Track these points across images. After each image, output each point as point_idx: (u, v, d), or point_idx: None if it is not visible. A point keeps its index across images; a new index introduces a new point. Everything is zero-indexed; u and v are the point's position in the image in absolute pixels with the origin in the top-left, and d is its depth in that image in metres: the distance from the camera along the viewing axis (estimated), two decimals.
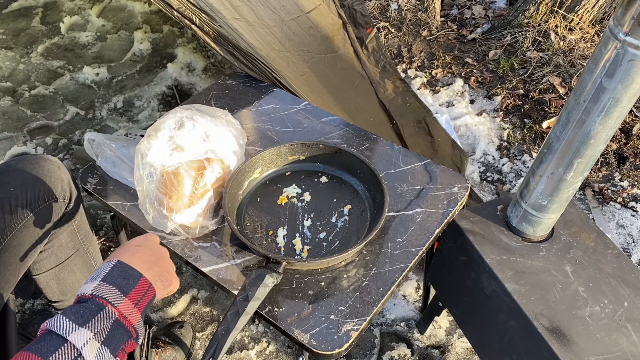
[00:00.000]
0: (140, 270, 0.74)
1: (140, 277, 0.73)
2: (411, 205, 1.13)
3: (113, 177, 1.18)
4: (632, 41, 0.78)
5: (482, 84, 2.50)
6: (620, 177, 2.07)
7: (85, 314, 0.66)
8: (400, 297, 1.68)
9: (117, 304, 0.69)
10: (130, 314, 0.70)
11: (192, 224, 1.05)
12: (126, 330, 0.70)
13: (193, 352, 1.53)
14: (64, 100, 2.44)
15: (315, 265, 1.00)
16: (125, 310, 0.69)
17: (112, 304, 0.68)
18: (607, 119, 0.89)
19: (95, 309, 0.67)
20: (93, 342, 0.64)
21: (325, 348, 0.90)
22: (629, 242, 1.86)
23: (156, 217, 1.03)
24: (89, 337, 0.64)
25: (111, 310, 0.68)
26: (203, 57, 2.64)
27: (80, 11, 2.98)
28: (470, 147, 2.22)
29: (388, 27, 2.78)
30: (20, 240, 1.05)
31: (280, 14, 1.59)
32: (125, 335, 0.70)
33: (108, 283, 0.70)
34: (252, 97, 1.43)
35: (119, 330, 0.68)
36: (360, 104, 1.78)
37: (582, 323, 1.01)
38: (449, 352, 1.56)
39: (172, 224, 1.03)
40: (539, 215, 1.10)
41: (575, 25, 2.60)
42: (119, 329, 0.68)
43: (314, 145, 1.18)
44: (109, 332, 0.67)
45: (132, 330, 0.71)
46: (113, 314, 0.68)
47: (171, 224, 1.03)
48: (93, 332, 0.65)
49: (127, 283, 0.71)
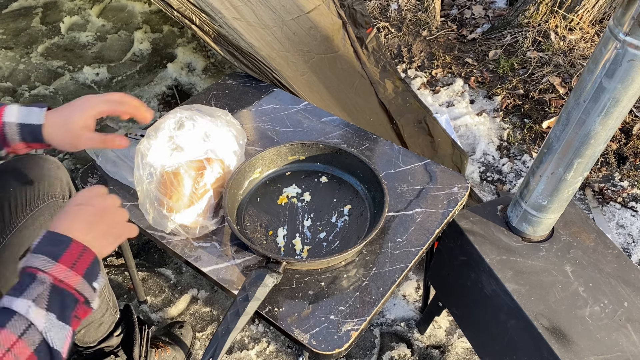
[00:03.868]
0: (80, 233, 0.74)
1: (70, 242, 0.72)
2: (411, 205, 1.13)
3: (113, 177, 1.18)
4: (632, 41, 0.78)
5: (482, 84, 2.50)
6: (620, 177, 2.07)
7: (20, 287, 0.67)
8: (400, 297, 1.68)
9: (48, 269, 0.69)
10: (67, 277, 0.70)
11: (192, 224, 1.05)
12: (68, 294, 0.70)
13: (193, 352, 1.53)
14: (64, 100, 2.44)
15: (315, 265, 1.01)
16: (59, 274, 0.69)
17: (42, 270, 0.69)
18: (607, 119, 0.89)
19: (28, 279, 0.68)
20: (35, 308, 0.66)
21: (325, 348, 0.90)
22: (629, 242, 1.86)
23: (156, 217, 1.03)
24: (29, 305, 0.66)
25: (43, 276, 0.68)
26: (203, 57, 2.64)
27: (80, 11, 2.99)
28: (470, 147, 2.22)
29: (388, 27, 2.78)
30: (19, 239, 1.05)
31: (280, 14, 1.59)
32: (69, 299, 0.70)
33: (36, 253, 0.70)
34: (252, 97, 1.43)
35: (59, 295, 0.69)
36: (360, 104, 1.78)
37: (582, 323, 1.01)
38: (449, 352, 1.56)
39: (172, 224, 1.03)
40: (539, 215, 1.10)
41: (575, 25, 2.60)
42: (58, 294, 0.69)
43: (314, 145, 1.18)
44: (49, 298, 0.67)
45: (75, 294, 0.70)
46: (46, 279, 0.68)
47: (171, 224, 1.03)
48: (31, 299, 0.66)
49: (57, 249, 0.71)
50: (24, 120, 0.87)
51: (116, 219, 0.81)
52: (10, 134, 0.86)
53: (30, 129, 0.87)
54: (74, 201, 0.80)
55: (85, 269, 0.72)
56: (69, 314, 0.70)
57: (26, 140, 0.88)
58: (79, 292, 0.71)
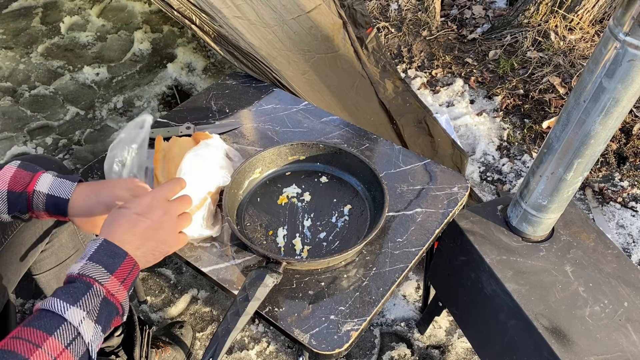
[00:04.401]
0: (131, 247, 0.75)
1: (126, 256, 0.74)
2: (411, 205, 1.13)
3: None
4: (632, 41, 0.78)
5: (482, 84, 2.50)
6: (620, 177, 2.07)
7: (75, 293, 0.68)
8: (400, 297, 1.68)
9: (104, 282, 0.70)
10: (117, 292, 0.72)
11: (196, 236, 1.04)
12: (114, 307, 0.72)
13: (193, 352, 1.53)
14: (64, 100, 2.44)
15: (315, 265, 1.01)
16: (112, 288, 0.71)
17: (99, 282, 0.70)
18: (607, 119, 0.89)
19: (84, 287, 0.69)
20: (87, 320, 0.67)
21: (325, 348, 0.90)
22: (629, 242, 1.86)
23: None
24: (83, 316, 0.66)
25: (99, 288, 0.70)
26: (203, 57, 2.64)
27: (80, 11, 2.99)
28: (470, 147, 2.22)
29: (388, 27, 2.78)
30: (21, 240, 1.05)
31: (281, 13, 1.59)
32: (114, 312, 0.72)
33: (94, 262, 0.71)
34: (252, 97, 1.43)
35: (107, 308, 0.70)
36: (361, 103, 1.78)
37: (582, 323, 1.01)
38: (449, 352, 1.56)
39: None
40: (539, 215, 1.10)
41: (575, 25, 2.60)
42: (107, 307, 0.70)
43: (314, 145, 1.19)
44: (99, 311, 0.69)
45: (119, 307, 0.73)
46: (101, 292, 0.70)
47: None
48: (85, 310, 0.67)
49: (113, 262, 0.72)
50: (53, 192, 0.89)
51: (169, 234, 0.82)
52: (36, 202, 0.89)
53: (56, 202, 0.89)
54: (135, 207, 0.80)
55: (130, 284, 0.75)
56: (109, 324, 0.72)
57: (49, 211, 0.90)
58: (122, 306, 0.73)
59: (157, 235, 0.80)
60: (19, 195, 0.87)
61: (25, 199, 0.88)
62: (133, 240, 0.76)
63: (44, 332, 0.63)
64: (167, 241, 0.82)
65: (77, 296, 0.67)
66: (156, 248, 0.80)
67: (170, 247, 0.83)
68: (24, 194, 0.88)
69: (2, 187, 0.87)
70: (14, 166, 0.90)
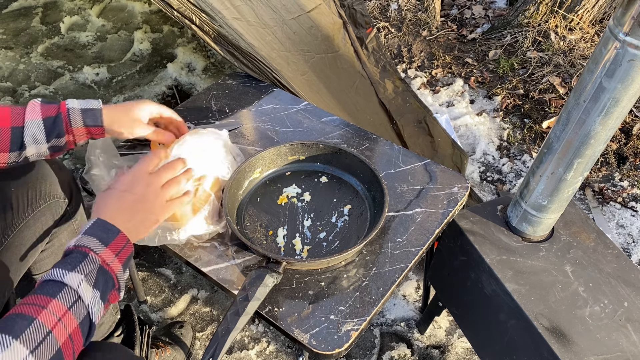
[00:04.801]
0: (122, 221, 0.81)
1: (118, 233, 0.80)
2: (411, 205, 1.13)
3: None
4: (632, 41, 0.78)
5: (482, 84, 2.50)
6: (620, 177, 2.07)
7: (72, 261, 0.73)
8: (400, 297, 1.68)
9: (99, 252, 0.76)
10: (112, 262, 0.77)
11: (202, 232, 1.04)
12: (110, 277, 0.77)
13: (193, 352, 1.53)
14: (64, 100, 2.44)
15: (315, 265, 1.01)
16: (107, 258, 0.76)
17: (94, 251, 0.75)
18: (607, 119, 0.89)
19: (80, 256, 0.74)
20: (85, 284, 0.72)
21: (325, 348, 0.90)
22: (629, 242, 1.86)
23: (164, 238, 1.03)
24: (81, 279, 0.72)
25: (94, 256, 0.75)
26: (203, 57, 2.64)
27: (80, 11, 2.99)
28: (470, 147, 2.22)
29: (388, 27, 2.78)
30: (21, 240, 1.05)
31: (280, 13, 1.59)
32: (110, 282, 0.77)
33: (89, 235, 0.77)
34: (252, 97, 1.43)
35: (103, 275, 0.75)
36: (361, 103, 1.78)
37: (582, 323, 1.01)
38: (449, 352, 1.56)
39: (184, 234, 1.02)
40: (539, 215, 1.10)
41: (575, 25, 2.60)
42: (103, 275, 0.75)
43: (314, 145, 1.19)
44: (96, 277, 0.74)
45: (114, 279, 0.77)
46: (97, 260, 0.75)
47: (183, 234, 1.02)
48: (83, 274, 0.72)
49: (107, 236, 0.78)
50: (85, 106, 0.97)
51: (155, 204, 0.88)
52: (74, 118, 0.95)
53: (92, 113, 0.97)
54: (119, 185, 0.87)
55: (124, 260, 0.80)
56: (107, 295, 0.76)
57: (87, 124, 0.97)
58: (117, 278, 0.78)
59: (143, 207, 0.86)
60: (56, 118, 0.93)
61: (62, 120, 0.94)
62: (122, 215, 0.83)
63: (48, 296, 0.69)
64: (154, 211, 0.88)
65: (75, 263, 0.73)
66: (145, 219, 0.86)
67: (159, 216, 0.89)
68: (59, 115, 0.94)
69: (37, 117, 0.92)
70: (38, 101, 0.95)
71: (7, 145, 0.91)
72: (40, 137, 0.93)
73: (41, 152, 0.95)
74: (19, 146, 0.92)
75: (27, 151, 0.94)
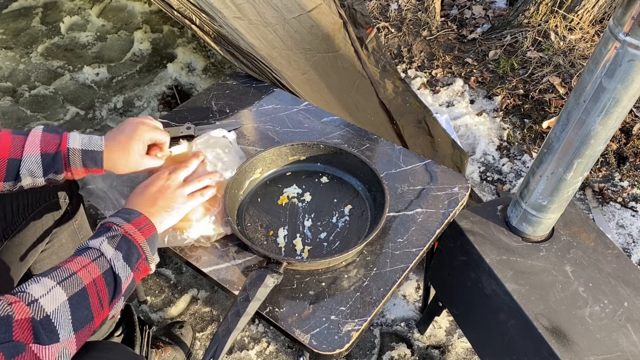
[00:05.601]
0: (144, 206, 0.90)
1: (140, 214, 0.87)
2: (412, 205, 1.13)
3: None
4: (632, 41, 0.78)
5: (482, 84, 2.50)
6: (620, 177, 2.07)
7: (96, 234, 0.82)
8: (400, 297, 1.68)
9: (121, 225, 0.83)
10: (135, 233, 0.83)
11: (212, 235, 1.04)
12: (133, 245, 0.82)
13: (193, 352, 1.53)
14: (64, 100, 2.44)
15: (316, 265, 1.01)
16: (129, 230, 0.83)
17: (117, 224, 0.83)
18: (607, 119, 0.89)
19: (104, 230, 0.83)
20: (107, 244, 0.80)
21: (326, 348, 0.90)
22: (629, 242, 1.86)
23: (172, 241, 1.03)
24: (102, 240, 0.80)
25: (117, 228, 0.82)
26: (203, 57, 2.64)
27: (80, 11, 2.99)
28: (470, 147, 2.22)
29: (388, 27, 2.78)
30: (21, 239, 1.05)
31: (282, 12, 1.59)
32: (134, 250, 0.82)
33: (113, 216, 0.86)
34: (253, 97, 1.43)
35: (127, 243, 0.82)
36: (362, 103, 1.78)
37: (582, 323, 1.01)
38: (449, 352, 1.56)
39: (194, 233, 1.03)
40: (539, 215, 1.10)
41: (575, 25, 2.60)
42: (126, 243, 0.82)
43: (315, 146, 1.19)
44: (119, 242, 0.81)
45: (139, 249, 0.83)
46: (119, 230, 0.82)
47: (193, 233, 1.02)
48: (105, 237, 0.80)
49: (129, 216, 0.86)
50: (86, 147, 0.95)
51: (177, 193, 0.95)
52: (73, 159, 0.94)
53: (92, 155, 0.95)
54: (143, 183, 0.96)
55: (148, 236, 0.86)
56: (133, 261, 0.82)
57: (87, 165, 0.95)
58: (142, 248, 0.84)
59: (165, 195, 0.94)
60: (54, 156, 0.92)
61: (61, 158, 0.93)
62: (144, 201, 0.91)
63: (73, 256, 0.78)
64: (175, 200, 0.94)
65: (98, 234, 0.81)
66: (167, 205, 0.93)
67: (182, 205, 0.95)
68: (59, 154, 0.92)
69: (35, 151, 0.91)
70: (39, 130, 0.94)
71: (2, 175, 0.90)
72: (37, 172, 0.92)
73: (37, 183, 0.94)
74: (14, 177, 0.91)
75: (22, 182, 0.92)
